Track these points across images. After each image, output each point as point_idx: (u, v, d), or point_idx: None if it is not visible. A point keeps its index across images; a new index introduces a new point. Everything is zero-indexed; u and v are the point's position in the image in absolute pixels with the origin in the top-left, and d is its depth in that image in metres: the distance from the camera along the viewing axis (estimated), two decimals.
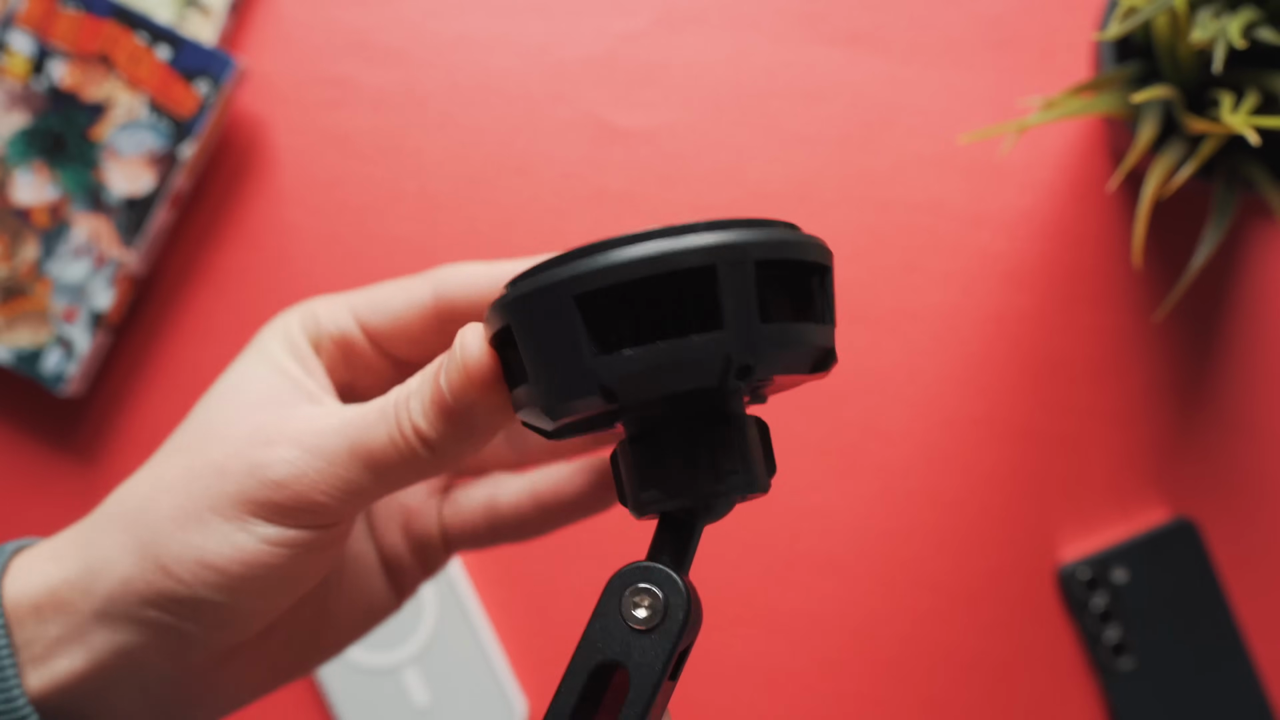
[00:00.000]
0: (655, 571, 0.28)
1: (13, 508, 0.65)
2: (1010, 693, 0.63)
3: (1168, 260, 0.64)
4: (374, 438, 0.31)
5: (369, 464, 0.31)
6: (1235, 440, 0.63)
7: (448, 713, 0.63)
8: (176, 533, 0.31)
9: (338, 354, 0.35)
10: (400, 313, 0.35)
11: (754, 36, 0.65)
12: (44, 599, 0.32)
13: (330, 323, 0.35)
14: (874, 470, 0.64)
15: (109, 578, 0.32)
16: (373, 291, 0.35)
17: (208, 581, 0.31)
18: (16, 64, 0.63)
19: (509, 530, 0.38)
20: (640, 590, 0.28)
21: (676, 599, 0.27)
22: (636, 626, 0.27)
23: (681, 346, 0.26)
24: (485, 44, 0.66)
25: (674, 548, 0.29)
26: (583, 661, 0.27)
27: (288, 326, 0.35)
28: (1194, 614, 0.62)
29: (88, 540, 0.33)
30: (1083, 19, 0.64)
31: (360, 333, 0.35)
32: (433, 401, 0.31)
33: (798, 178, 0.65)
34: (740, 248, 0.26)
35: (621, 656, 0.27)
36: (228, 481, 0.31)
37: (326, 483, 0.31)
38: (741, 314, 0.27)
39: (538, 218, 0.65)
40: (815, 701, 0.63)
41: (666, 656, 0.27)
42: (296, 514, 0.31)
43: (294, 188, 0.66)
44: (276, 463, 0.31)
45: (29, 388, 0.66)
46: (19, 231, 0.63)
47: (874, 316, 0.64)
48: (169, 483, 0.32)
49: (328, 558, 0.33)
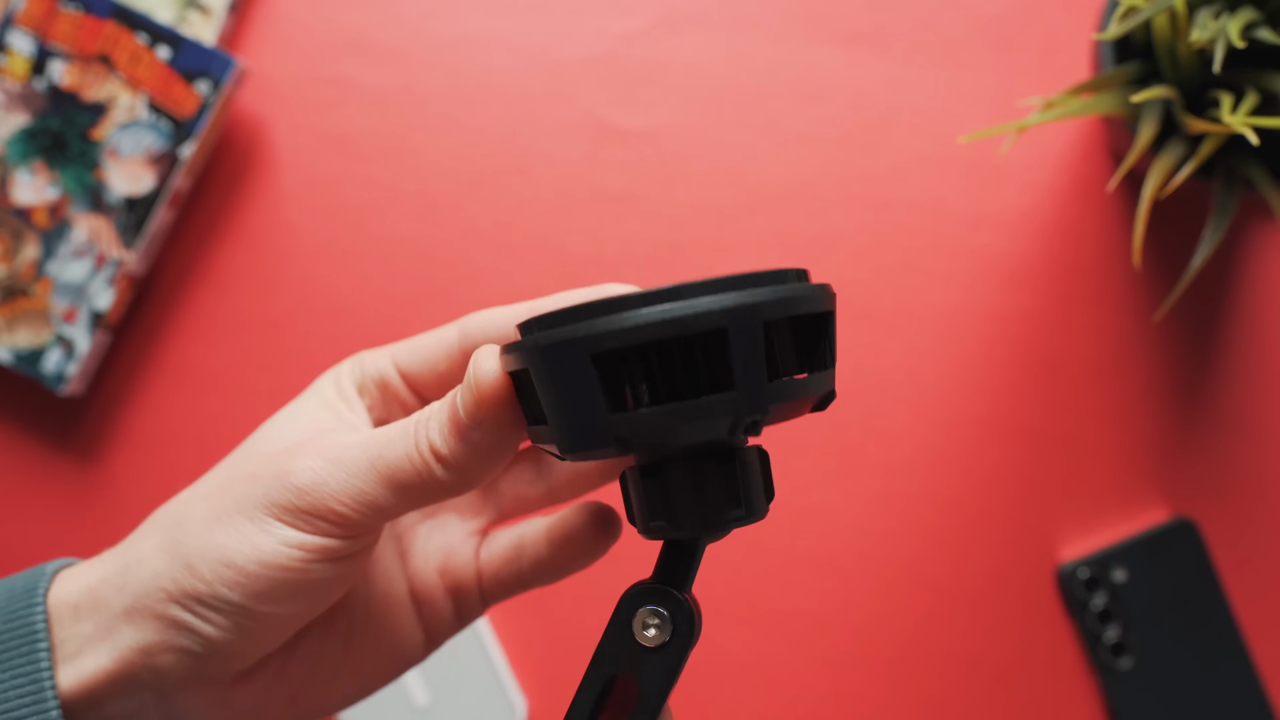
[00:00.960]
0: (665, 595, 0.30)
1: (13, 507, 0.65)
2: (1010, 692, 0.63)
3: (1168, 260, 0.64)
4: (392, 453, 0.33)
5: (386, 478, 0.33)
6: (1235, 440, 0.63)
7: (448, 713, 0.63)
8: (203, 532, 0.33)
9: (379, 395, 0.38)
10: (432, 357, 0.37)
11: (754, 36, 0.65)
12: (83, 597, 0.34)
13: (373, 368, 0.38)
14: (874, 470, 0.64)
15: (141, 574, 0.34)
16: (411, 340, 0.38)
17: (226, 580, 0.33)
18: (16, 64, 0.63)
19: (531, 573, 0.40)
20: (651, 612, 0.30)
21: (683, 621, 0.30)
22: (647, 645, 0.30)
23: (694, 407, 0.28)
24: (485, 44, 0.66)
25: (678, 568, 0.31)
26: (597, 675, 0.30)
27: (339, 372, 0.38)
28: (1194, 614, 0.62)
29: (130, 542, 0.35)
30: (1083, 19, 0.64)
31: (397, 376, 0.38)
32: (449, 420, 0.33)
33: (798, 178, 0.65)
34: (751, 309, 0.28)
35: (632, 671, 0.30)
36: (255, 486, 0.33)
37: (345, 493, 0.33)
38: (752, 375, 0.28)
39: (538, 218, 0.65)
40: (815, 701, 0.63)
41: (674, 672, 0.30)
42: (315, 520, 0.33)
43: (294, 188, 0.66)
44: (300, 470, 0.33)
45: (29, 387, 0.66)
46: (19, 231, 0.63)
47: (874, 316, 0.64)
48: (205, 491, 0.35)
49: (346, 571, 0.34)
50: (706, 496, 0.30)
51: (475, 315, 0.37)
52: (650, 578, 0.31)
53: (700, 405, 0.28)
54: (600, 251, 0.65)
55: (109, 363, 0.66)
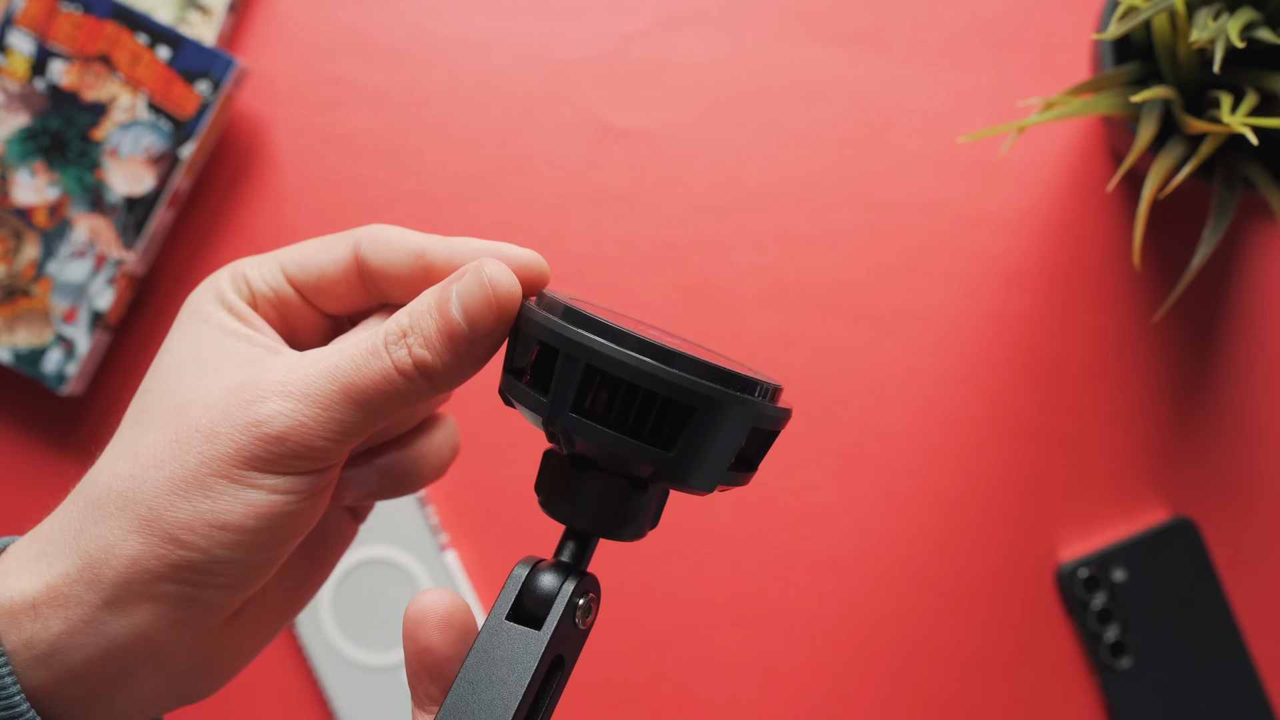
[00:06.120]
0: (593, 581, 0.34)
1: (13, 508, 0.65)
2: (1010, 692, 0.63)
3: (1167, 260, 0.64)
4: (367, 376, 0.33)
5: (362, 403, 0.33)
6: (1235, 440, 0.63)
7: None
8: (180, 503, 0.32)
9: (273, 311, 0.37)
10: (325, 270, 0.36)
11: (754, 36, 0.65)
12: (41, 597, 0.32)
13: (262, 282, 0.36)
14: (874, 470, 0.64)
15: (115, 564, 0.32)
16: (298, 248, 0.37)
17: (222, 542, 0.32)
18: (17, 64, 0.63)
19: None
20: (592, 600, 0.34)
21: (598, 601, 0.34)
22: (584, 628, 0.34)
23: (635, 447, 0.32)
24: (485, 44, 0.66)
25: (580, 553, 0.34)
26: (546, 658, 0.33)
27: (218, 290, 0.36)
28: (1193, 613, 0.62)
29: (77, 532, 0.33)
30: (1083, 19, 0.64)
31: (293, 291, 0.37)
32: (441, 331, 0.33)
33: (798, 178, 0.65)
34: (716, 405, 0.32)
35: (568, 652, 0.33)
36: (221, 444, 0.32)
37: (324, 428, 0.32)
38: (694, 448, 0.32)
39: (538, 218, 0.65)
40: (815, 701, 0.63)
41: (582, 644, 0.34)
42: (297, 462, 0.32)
43: (294, 188, 0.66)
44: (273, 417, 0.32)
45: (29, 387, 0.66)
46: (19, 231, 0.63)
47: (874, 316, 0.64)
48: (155, 457, 0.33)
49: (328, 496, 0.35)
50: (609, 509, 0.34)
51: (369, 230, 0.36)
52: (569, 560, 0.34)
53: (644, 449, 0.32)
54: (600, 251, 0.65)
55: (109, 363, 0.66)
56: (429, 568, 0.63)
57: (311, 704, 0.64)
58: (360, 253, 0.36)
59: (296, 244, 0.37)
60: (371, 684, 0.63)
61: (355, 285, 0.36)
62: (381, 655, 0.63)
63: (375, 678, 0.63)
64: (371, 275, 0.36)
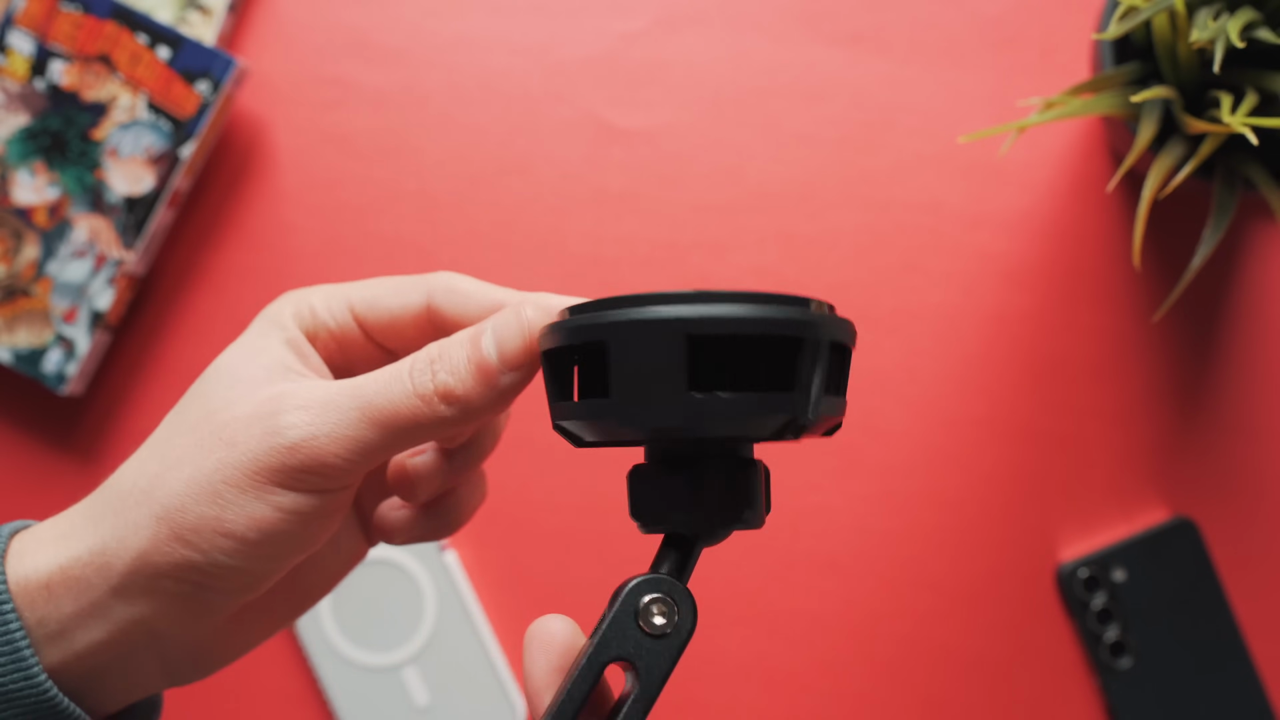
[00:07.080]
0: (674, 586, 0.32)
1: (13, 507, 0.65)
2: (1010, 692, 0.63)
3: (1167, 260, 0.64)
4: (388, 398, 0.33)
5: (380, 423, 0.33)
6: (1235, 440, 0.63)
7: (448, 713, 0.63)
8: (191, 505, 0.33)
9: (334, 344, 0.38)
10: (395, 313, 0.37)
11: (754, 36, 0.65)
12: (55, 577, 0.34)
13: (328, 316, 0.37)
14: (874, 470, 0.64)
15: (125, 554, 0.33)
16: (369, 288, 0.38)
17: (225, 549, 0.33)
18: (17, 64, 0.63)
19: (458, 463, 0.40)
20: (659, 600, 0.31)
21: (687, 612, 0.31)
22: (651, 632, 0.31)
23: (761, 400, 0.29)
24: (485, 44, 0.66)
25: (679, 563, 0.32)
26: (597, 658, 0.31)
27: (280, 318, 0.37)
28: (1193, 613, 0.62)
29: (97, 518, 0.34)
30: (1083, 19, 0.64)
31: (357, 327, 0.37)
32: (472, 362, 0.33)
33: (798, 178, 0.65)
34: (818, 326, 0.30)
35: (633, 657, 0.31)
36: (238, 452, 0.33)
37: (337, 443, 0.33)
38: (809, 382, 0.30)
39: (538, 218, 0.65)
40: (815, 701, 0.63)
41: (675, 659, 0.31)
42: (308, 478, 0.33)
43: (294, 188, 0.66)
44: (288, 427, 0.33)
45: (29, 387, 0.66)
46: (19, 231, 0.63)
47: (874, 316, 0.64)
48: (177, 459, 0.34)
49: (336, 519, 0.35)
50: (717, 498, 0.32)
51: (443, 279, 0.37)
52: (651, 570, 0.32)
53: (766, 400, 0.29)
54: (600, 251, 0.65)
55: (109, 363, 0.66)
56: (429, 568, 0.63)
57: (311, 704, 0.64)
58: (434, 304, 0.37)
59: (366, 281, 0.38)
60: (371, 684, 0.63)
61: (425, 329, 0.37)
62: (381, 655, 0.63)
63: (375, 678, 0.63)
64: (445, 326, 0.37)
